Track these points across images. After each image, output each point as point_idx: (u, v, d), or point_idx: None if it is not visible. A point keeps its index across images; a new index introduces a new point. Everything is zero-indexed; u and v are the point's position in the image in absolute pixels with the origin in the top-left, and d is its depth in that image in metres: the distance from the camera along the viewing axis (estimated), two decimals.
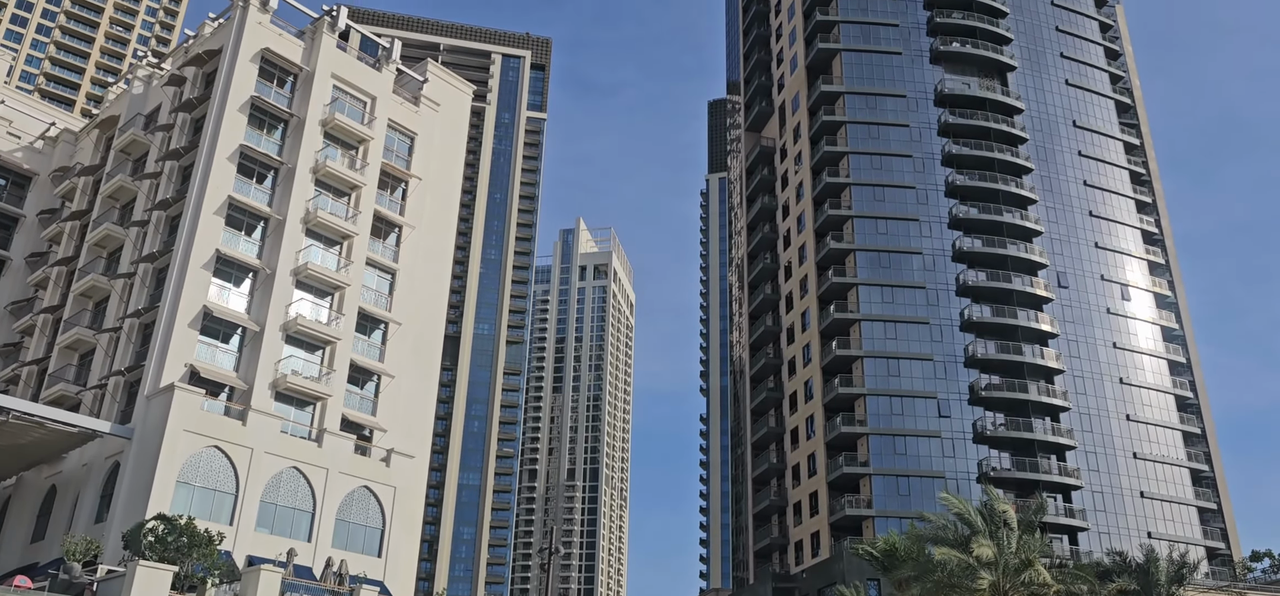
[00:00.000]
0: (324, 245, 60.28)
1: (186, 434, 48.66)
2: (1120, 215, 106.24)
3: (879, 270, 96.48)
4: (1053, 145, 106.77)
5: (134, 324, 56.04)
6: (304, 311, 57.75)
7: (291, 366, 56.25)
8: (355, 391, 59.60)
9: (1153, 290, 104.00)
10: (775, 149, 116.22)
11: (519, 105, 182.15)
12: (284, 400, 55.73)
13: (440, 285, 67.42)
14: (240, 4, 61.37)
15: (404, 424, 61.03)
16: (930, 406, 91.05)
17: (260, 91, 60.29)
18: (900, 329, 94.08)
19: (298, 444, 53.53)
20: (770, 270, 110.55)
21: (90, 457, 52.14)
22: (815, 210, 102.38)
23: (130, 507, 47.18)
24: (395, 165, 65.54)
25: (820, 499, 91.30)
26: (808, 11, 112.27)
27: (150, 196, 60.73)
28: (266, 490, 51.22)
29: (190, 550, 41.45)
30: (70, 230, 66.08)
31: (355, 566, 51.83)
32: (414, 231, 65.60)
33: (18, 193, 69.98)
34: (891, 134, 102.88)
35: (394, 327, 62.31)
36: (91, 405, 56.10)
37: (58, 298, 63.69)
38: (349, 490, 54.63)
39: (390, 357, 61.66)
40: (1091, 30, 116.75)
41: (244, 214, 57.84)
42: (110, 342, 57.36)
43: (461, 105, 73.23)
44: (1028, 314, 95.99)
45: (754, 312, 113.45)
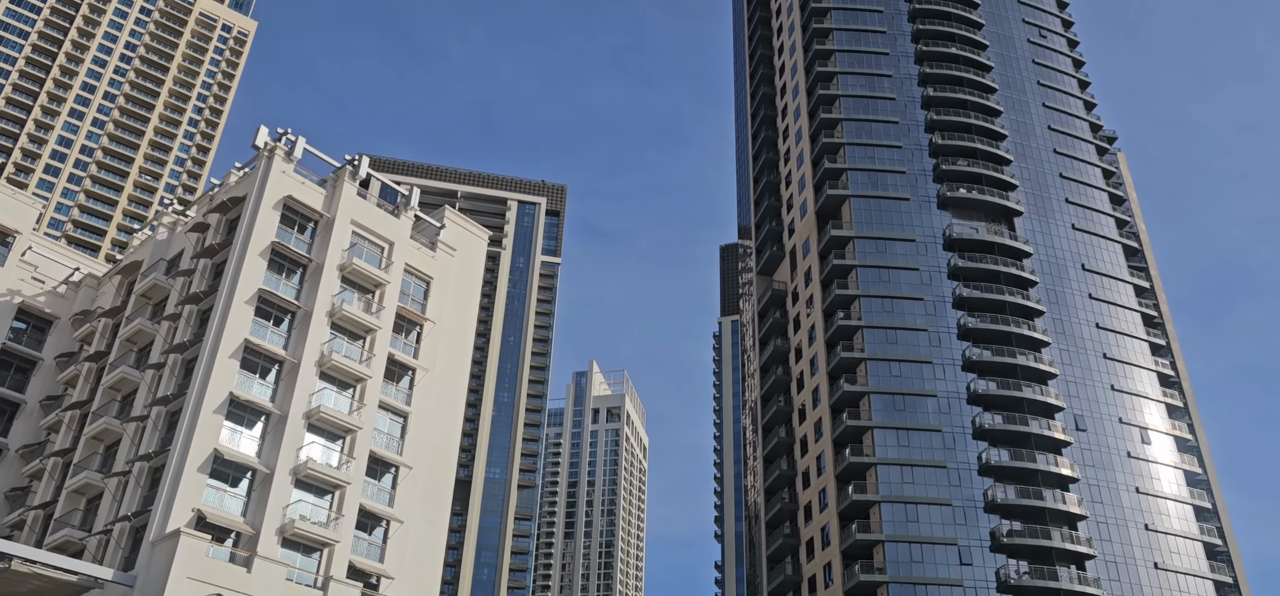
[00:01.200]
0: (337, 388, 60.37)
1: (189, 582, 47.81)
2: (1135, 357, 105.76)
3: (894, 413, 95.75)
4: (1063, 288, 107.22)
5: (144, 467, 55.77)
6: (315, 455, 57.43)
7: (300, 511, 55.60)
8: (363, 537, 58.71)
9: (1173, 433, 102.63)
10: (787, 292, 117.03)
11: (534, 250, 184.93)
12: (291, 546, 54.89)
13: (452, 429, 67.12)
14: (265, 154, 63.14)
15: (412, 571, 59.87)
16: (951, 553, 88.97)
17: (281, 237, 61.43)
18: (917, 473, 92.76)
19: (303, 592, 52.46)
20: (784, 413, 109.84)
21: None
22: (828, 353, 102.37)
23: None
24: (411, 309, 66.15)
25: None
26: (816, 159, 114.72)
27: (168, 340, 61.28)
28: None
29: None
30: (87, 373, 66.49)
31: None
32: (428, 375, 65.72)
33: (37, 336, 70.73)
34: (902, 277, 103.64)
35: (405, 472, 61.79)
36: (96, 551, 55.36)
37: (69, 441, 63.62)
38: None
39: (400, 502, 60.94)
40: (1094, 176, 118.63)
41: (259, 357, 58.18)
42: (119, 487, 56.97)
43: (477, 250, 74.33)
44: (1047, 458, 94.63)
45: (768, 456, 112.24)
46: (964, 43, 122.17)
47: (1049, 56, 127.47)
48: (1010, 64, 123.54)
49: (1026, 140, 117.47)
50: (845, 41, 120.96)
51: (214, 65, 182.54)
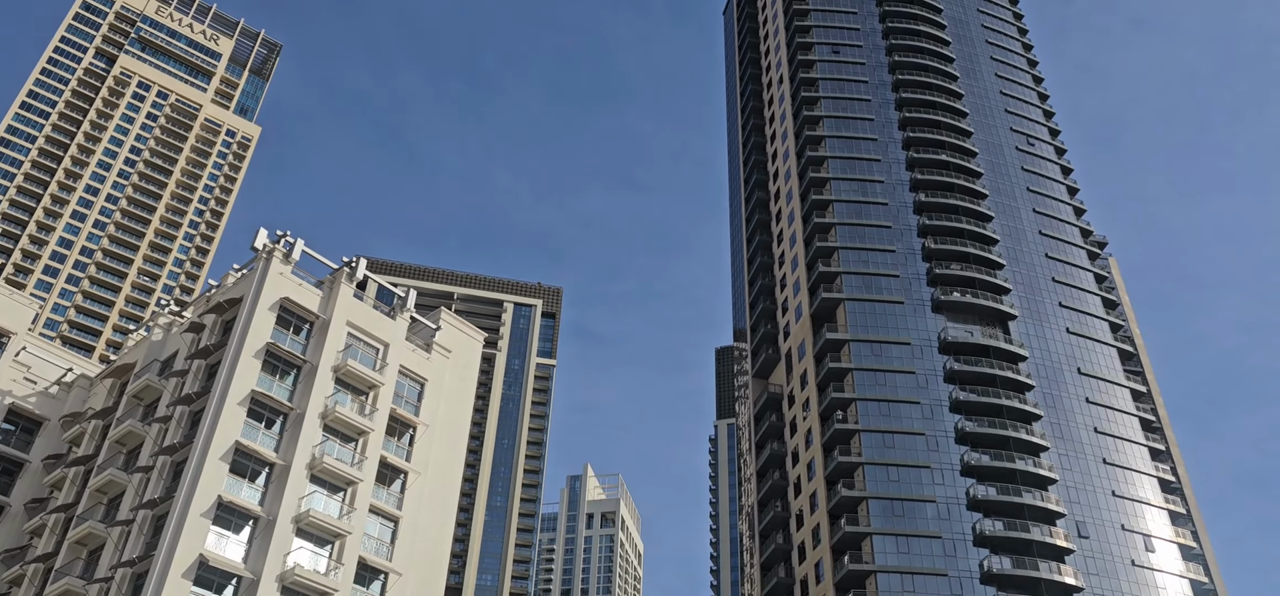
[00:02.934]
0: (328, 491, 59.55)
1: None
2: (1135, 463, 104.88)
3: (893, 519, 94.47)
4: (1059, 392, 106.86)
5: (127, 573, 54.60)
6: (303, 561, 56.33)
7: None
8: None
9: (1177, 541, 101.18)
10: (783, 395, 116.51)
11: (529, 351, 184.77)
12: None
13: (444, 534, 66.01)
14: (264, 255, 63.38)
15: None
16: None
17: (276, 338, 61.29)
18: (918, 580, 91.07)
19: None
20: (782, 518, 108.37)
21: None
22: (825, 457, 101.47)
23: None
24: (404, 412, 65.66)
25: None
26: (810, 262, 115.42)
27: (158, 441, 60.63)
28: None
29: None
30: (73, 476, 65.61)
31: None
32: (420, 478, 64.92)
33: (26, 438, 69.98)
34: (898, 381, 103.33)
35: (395, 579, 60.54)
36: None
37: (52, 545, 62.40)
38: None
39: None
40: (1087, 280, 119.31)
41: (250, 459, 57.51)
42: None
43: (473, 352, 74.14)
44: (1050, 566, 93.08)
45: (766, 563, 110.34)
46: (954, 150, 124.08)
47: (1038, 163, 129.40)
48: (1000, 171, 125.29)
49: (1018, 244, 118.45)
50: (838, 148, 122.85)
51: (216, 169, 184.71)
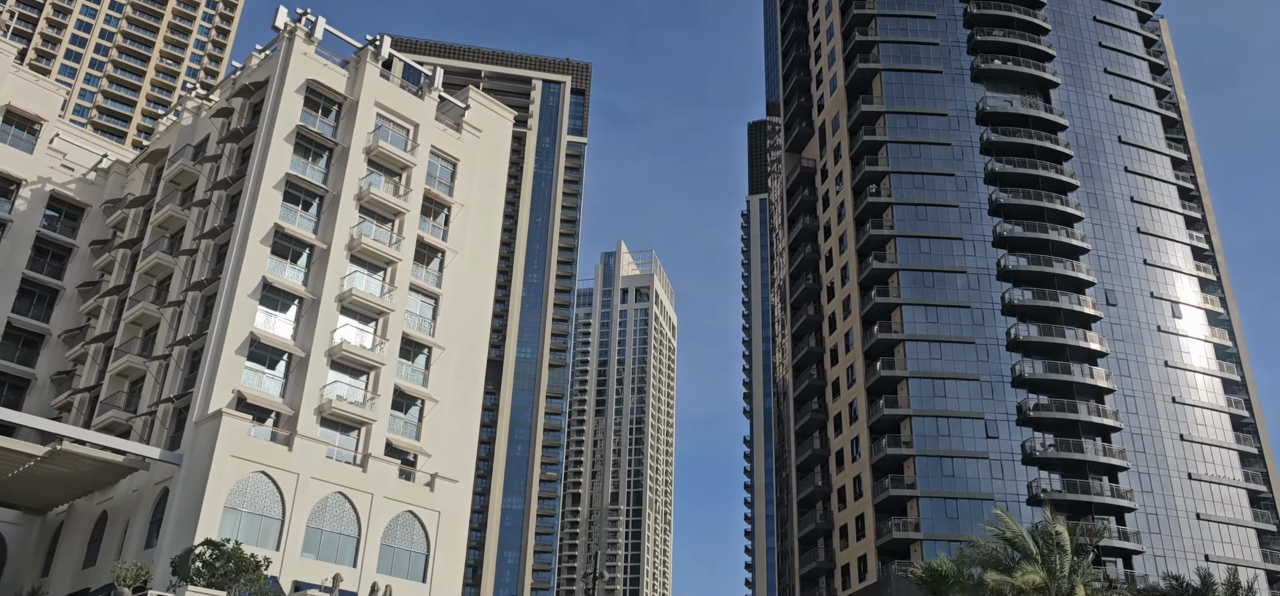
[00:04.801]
0: (368, 271, 60.88)
1: (233, 459, 49.21)
2: (1169, 231, 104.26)
3: (923, 290, 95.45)
4: (1098, 161, 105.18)
5: (183, 351, 56.91)
6: (348, 337, 58.29)
7: (336, 392, 56.73)
8: (399, 416, 59.95)
9: (1204, 307, 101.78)
10: (816, 169, 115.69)
11: (559, 130, 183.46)
12: (329, 425, 56.20)
13: (483, 310, 67.74)
14: (286, 36, 62.42)
15: (447, 449, 61.23)
16: (978, 427, 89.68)
17: (305, 121, 61.19)
18: (945, 349, 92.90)
19: (343, 469, 53.91)
20: (813, 291, 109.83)
21: (140, 484, 52.90)
22: (857, 230, 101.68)
23: (179, 533, 47.74)
24: (438, 191, 66.11)
25: (867, 522, 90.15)
26: (846, 32, 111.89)
27: (199, 225, 61.77)
28: (312, 515, 51.59)
29: (237, 576, 41.84)
30: (121, 259, 67.38)
31: (400, 591, 51.95)
32: (457, 257, 66.04)
33: (71, 224, 71.56)
34: (933, 153, 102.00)
35: (437, 353, 62.66)
36: (142, 432, 56.97)
37: (109, 326, 64.89)
38: (393, 515, 54.87)
39: (433, 382, 61.98)
40: (1135, 45, 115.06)
41: (290, 241, 58.60)
42: (160, 370, 58.27)
43: (503, 131, 73.76)
44: (1076, 332, 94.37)
45: (797, 333, 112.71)
46: None
47: None
48: None
49: (1064, 7, 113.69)
50: None
51: None
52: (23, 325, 67.00)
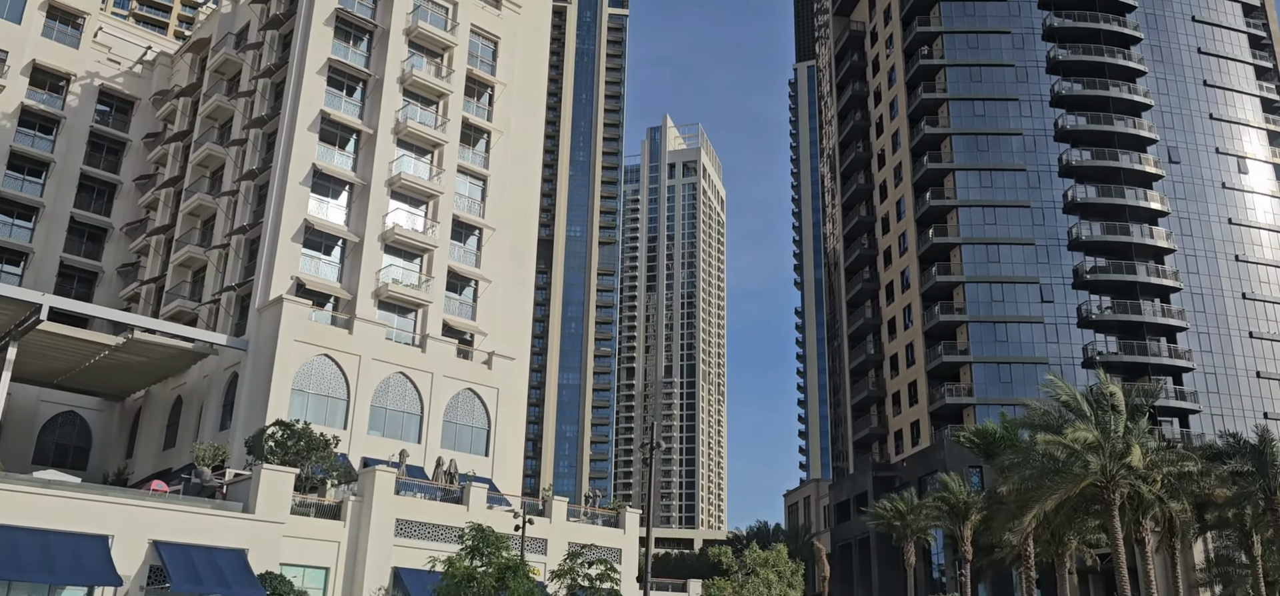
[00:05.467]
0: (415, 155, 61.15)
1: (297, 344, 50.59)
2: (1237, 83, 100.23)
3: (976, 154, 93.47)
4: (1163, 11, 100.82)
5: (240, 240, 58.09)
6: (400, 221, 58.96)
7: (391, 275, 57.72)
8: (454, 297, 60.96)
9: (1273, 161, 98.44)
10: (865, 33, 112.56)
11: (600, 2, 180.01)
12: (387, 308, 57.37)
13: (531, 189, 67.91)
14: None
15: (502, 327, 62.29)
16: (1032, 292, 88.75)
17: (344, 3, 60.76)
18: (999, 213, 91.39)
19: (402, 350, 55.21)
20: (863, 159, 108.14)
21: (210, 369, 54.77)
22: (908, 94, 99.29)
23: (251, 415, 49.56)
24: (480, 71, 65.68)
25: (919, 388, 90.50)
26: None
27: (246, 115, 62.27)
28: (376, 395, 53.14)
29: (309, 453, 43.45)
30: (174, 151, 68.39)
31: (464, 465, 53.69)
32: (502, 137, 65.97)
33: (122, 118, 72.57)
34: (987, 10, 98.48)
35: (488, 233, 63.22)
36: (207, 319, 58.69)
37: (168, 217, 66.31)
38: (454, 393, 56.30)
39: (486, 263, 62.72)
40: None
41: (336, 127, 58.90)
42: (220, 258, 59.64)
43: (542, 6, 72.63)
44: (1136, 192, 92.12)
45: (847, 203, 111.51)
46: None
47: None
48: None
49: None
50: None
51: None
52: (86, 219, 68.73)
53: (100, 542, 34.99)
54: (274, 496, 39.60)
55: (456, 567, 39.00)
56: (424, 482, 48.08)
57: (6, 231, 65.42)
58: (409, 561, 43.17)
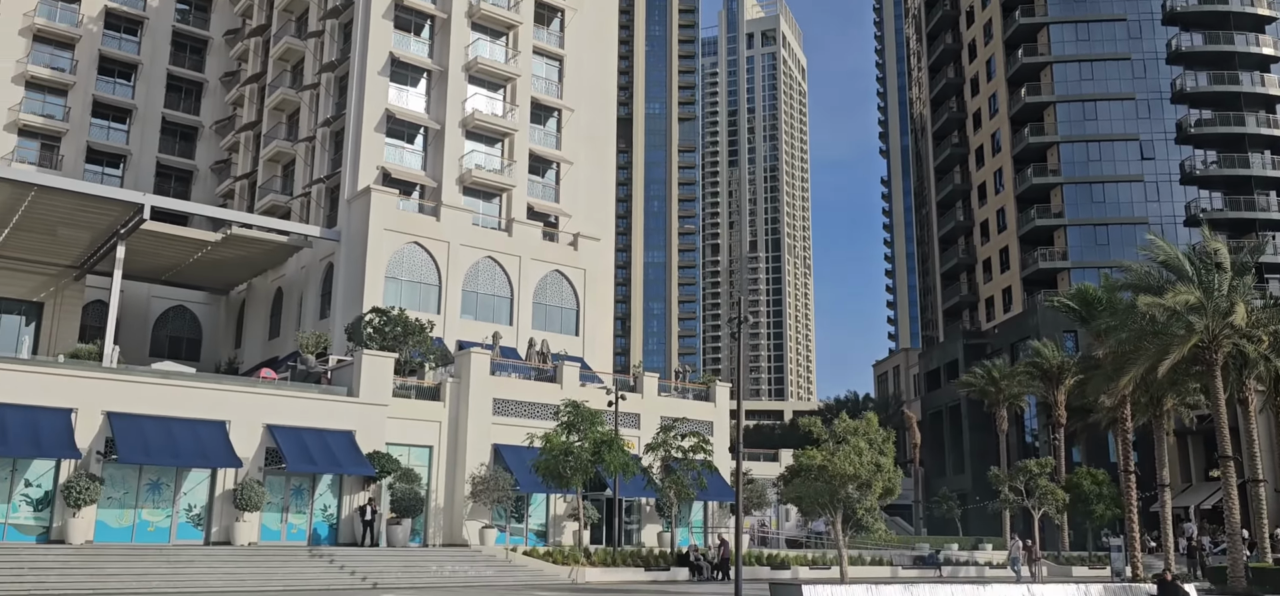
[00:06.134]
0: (490, 37, 60.84)
1: (387, 232, 51.71)
2: None
3: (1072, 6, 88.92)
4: None
5: (325, 132, 59.08)
6: (479, 106, 59.12)
7: (474, 161, 58.19)
8: (537, 180, 61.30)
9: None
10: None
11: None
12: (471, 194, 58.05)
13: (607, 67, 67.19)
14: None
15: (586, 208, 62.57)
16: (1132, 149, 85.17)
17: None
18: (1097, 68, 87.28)
19: (489, 234, 56.01)
20: (950, 17, 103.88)
21: (306, 261, 56.50)
22: None
23: (348, 303, 51.17)
24: None
25: (1011, 254, 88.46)
26: None
27: (321, 7, 62.52)
28: (466, 279, 54.25)
29: (406, 338, 44.82)
30: (254, 46, 69.32)
31: (555, 345, 54.79)
32: (576, 14, 65.10)
33: (201, 16, 73.68)
34: None
35: (567, 114, 63.03)
36: (299, 212, 60.24)
37: (254, 114, 67.68)
38: (541, 275, 57.13)
39: (566, 144, 62.72)
40: None
41: (411, 13, 58.78)
42: (307, 152, 60.86)
43: None
44: (1246, 37, 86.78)
45: (934, 65, 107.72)
46: None
47: None
48: None
49: None
50: None
51: None
52: (176, 119, 70.66)
53: (219, 428, 36.95)
54: (376, 380, 41.12)
55: (553, 442, 40.23)
56: (517, 363, 49.28)
57: (104, 134, 67.75)
58: (507, 438, 44.61)
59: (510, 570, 37.73)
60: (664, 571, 41.85)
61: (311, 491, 39.26)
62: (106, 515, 34.76)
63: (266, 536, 37.60)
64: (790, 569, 45.30)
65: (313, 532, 38.95)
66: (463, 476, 43.20)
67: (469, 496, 42.65)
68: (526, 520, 45.46)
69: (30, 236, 49.54)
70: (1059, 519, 56.44)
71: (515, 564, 38.64)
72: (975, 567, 52.36)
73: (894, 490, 38.35)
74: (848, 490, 36.95)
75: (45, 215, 46.46)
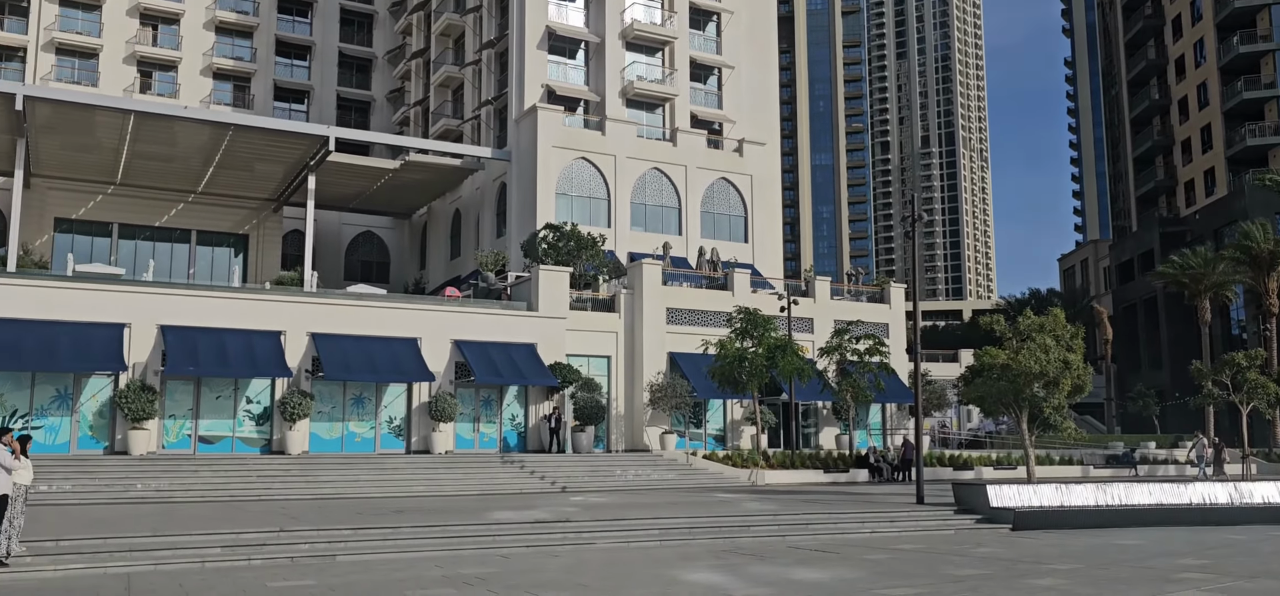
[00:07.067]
0: None
1: (555, 149, 52.68)
2: None
3: None
4: None
5: (490, 54, 60.36)
6: (638, 15, 58.85)
7: (635, 72, 58.20)
8: (699, 88, 60.82)
9: None
10: None
11: None
12: (635, 106, 58.23)
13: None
14: None
15: (749, 114, 61.71)
16: None
17: None
18: None
19: (654, 145, 56.18)
20: None
21: (481, 182, 58.41)
22: None
23: (522, 221, 52.72)
24: None
25: (1214, 132, 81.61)
26: None
27: None
28: (634, 192, 54.77)
29: (579, 253, 45.88)
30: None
31: (724, 253, 54.81)
32: None
33: None
34: None
35: (726, 17, 61.93)
36: (470, 135, 62.14)
37: (422, 42, 69.81)
38: (708, 183, 56.98)
39: (727, 49, 61.77)
40: None
41: None
42: (474, 75, 62.46)
43: None
44: None
45: None
46: None
47: None
48: None
49: None
50: None
51: None
52: (352, 52, 73.87)
53: (412, 344, 39.14)
54: (553, 294, 42.41)
55: (728, 349, 40.52)
56: (688, 272, 49.66)
57: (288, 72, 71.69)
58: (681, 346, 45.25)
59: (691, 473, 38.59)
60: (843, 473, 41.81)
61: (499, 402, 41.15)
62: (318, 427, 37.62)
63: (461, 445, 39.80)
64: (974, 469, 44.33)
65: (503, 440, 40.94)
66: (641, 384, 44.23)
67: (648, 403, 43.68)
68: (705, 425, 46.23)
69: (232, 173, 53.25)
70: (1271, 413, 52.63)
71: (696, 467, 39.47)
72: (1175, 466, 49.70)
73: (1084, 388, 36.63)
74: (1033, 389, 35.57)
75: (242, 152, 49.76)
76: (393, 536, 20.85)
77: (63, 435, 34.12)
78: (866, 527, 25.25)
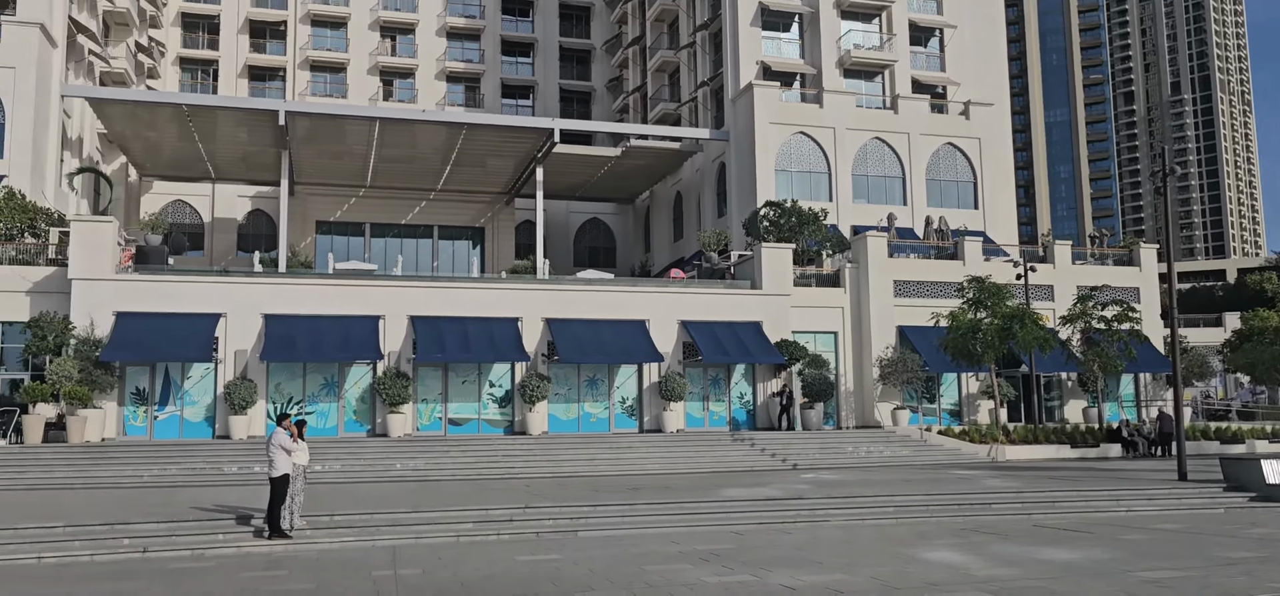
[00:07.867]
0: None
1: (773, 125, 52.32)
2: None
3: None
4: None
5: (704, 35, 60.62)
6: None
7: (851, 41, 56.78)
8: (919, 51, 58.58)
9: None
10: None
11: None
12: (852, 75, 56.84)
13: None
14: None
15: (975, 73, 58.83)
16: None
17: None
18: None
19: (874, 115, 54.68)
20: None
21: (700, 164, 58.92)
22: None
23: (742, 199, 52.78)
24: None
25: None
26: None
27: None
28: (855, 163, 53.56)
29: (801, 228, 45.45)
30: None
31: (953, 221, 52.66)
32: None
33: None
34: None
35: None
36: (688, 117, 62.76)
37: (638, 29, 71.08)
38: (933, 149, 54.87)
39: (948, 8, 59.10)
40: None
41: None
42: (689, 58, 62.97)
43: None
44: None
45: None
46: None
47: None
48: None
49: None
50: None
51: None
52: (572, 45, 76.37)
53: (640, 326, 40.15)
54: (776, 271, 42.23)
55: (960, 320, 38.98)
56: (915, 242, 48.06)
57: (513, 69, 75.13)
58: (910, 319, 43.91)
59: (926, 449, 37.46)
60: (1092, 447, 39.30)
61: (727, 380, 41.50)
62: (555, 408, 39.34)
63: (691, 423, 40.47)
64: (1244, 443, 40.44)
65: (732, 418, 41.28)
66: (869, 359, 43.33)
67: (878, 378, 42.75)
68: (939, 400, 44.71)
69: (467, 170, 56.46)
70: None
71: (930, 443, 38.27)
72: None
73: None
74: None
75: (475, 149, 52.66)
76: (630, 513, 21.53)
77: (331, 419, 37.47)
78: (1121, 505, 23.67)
